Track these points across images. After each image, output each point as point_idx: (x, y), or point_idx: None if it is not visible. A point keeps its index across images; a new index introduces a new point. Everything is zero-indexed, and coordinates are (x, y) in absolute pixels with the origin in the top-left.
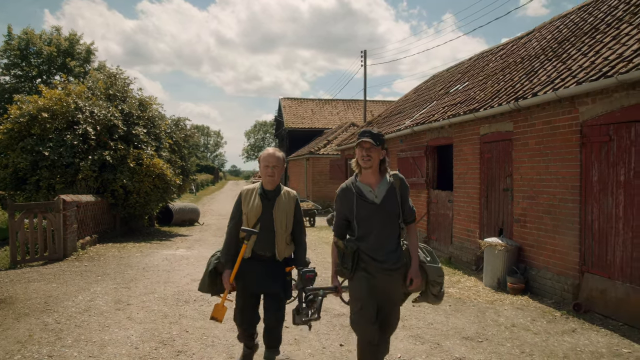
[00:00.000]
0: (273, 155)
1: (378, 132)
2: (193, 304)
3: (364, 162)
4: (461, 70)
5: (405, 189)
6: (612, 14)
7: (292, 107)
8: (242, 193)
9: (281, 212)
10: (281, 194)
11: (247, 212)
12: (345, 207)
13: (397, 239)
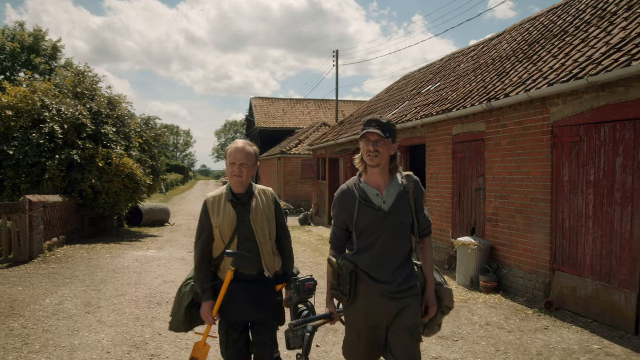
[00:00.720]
0: (241, 150)
1: (388, 120)
2: (166, 306)
3: (370, 158)
4: (433, 71)
5: (420, 193)
6: (580, 17)
7: (263, 107)
8: (207, 202)
9: (260, 218)
10: (255, 195)
11: (220, 225)
12: (344, 214)
13: (407, 256)
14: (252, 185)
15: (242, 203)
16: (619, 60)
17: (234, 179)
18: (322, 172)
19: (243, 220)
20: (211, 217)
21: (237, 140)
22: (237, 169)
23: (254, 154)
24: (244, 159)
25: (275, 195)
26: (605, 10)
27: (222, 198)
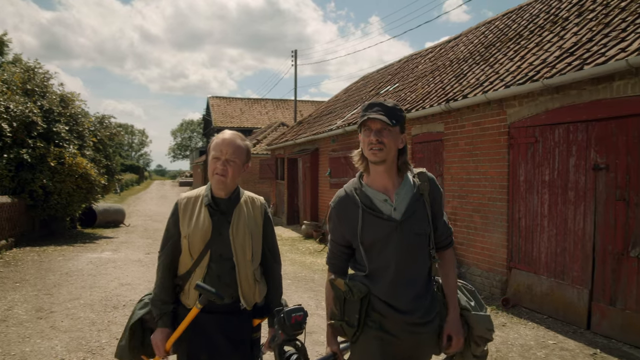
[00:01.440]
0: (229, 143)
1: (394, 104)
2: (123, 310)
3: (373, 153)
4: (391, 72)
5: (438, 194)
6: (534, 22)
7: (221, 106)
8: (178, 204)
9: (243, 232)
10: (241, 203)
11: (189, 235)
12: (345, 227)
13: (427, 276)
14: (240, 190)
15: (223, 211)
16: (572, 64)
17: (215, 179)
18: (281, 172)
19: (220, 232)
20: (181, 224)
21: (226, 130)
22: (220, 166)
23: (246, 149)
24: (232, 154)
25: (267, 207)
26: (557, 16)
27: (198, 201)
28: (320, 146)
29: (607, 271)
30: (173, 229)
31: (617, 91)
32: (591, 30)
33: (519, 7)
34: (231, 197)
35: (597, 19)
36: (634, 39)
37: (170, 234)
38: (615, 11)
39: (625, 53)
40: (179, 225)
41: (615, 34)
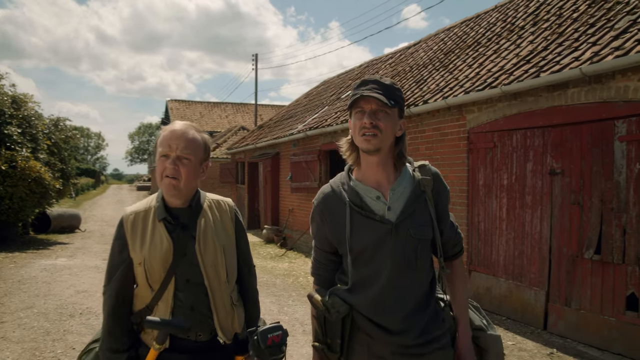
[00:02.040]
0: (182, 135)
1: (392, 82)
2: (79, 318)
3: (366, 139)
4: (352, 77)
5: (443, 192)
6: (491, 30)
7: (180, 110)
8: (123, 222)
9: (212, 248)
10: (205, 210)
11: (145, 261)
12: (328, 229)
13: (428, 289)
14: (200, 194)
15: (183, 224)
16: (529, 71)
17: (165, 183)
18: (241, 176)
19: (184, 252)
20: (131, 248)
21: (176, 121)
22: (170, 165)
23: (203, 143)
24: (184, 149)
25: (237, 210)
26: (513, 24)
27: (149, 215)
28: (281, 150)
29: (563, 273)
30: (119, 257)
31: (572, 98)
32: (546, 39)
33: (477, 15)
34: (191, 204)
35: (551, 28)
36: (586, 49)
37: (117, 262)
38: (568, 22)
39: (578, 62)
40: (128, 250)
41: (568, 43)
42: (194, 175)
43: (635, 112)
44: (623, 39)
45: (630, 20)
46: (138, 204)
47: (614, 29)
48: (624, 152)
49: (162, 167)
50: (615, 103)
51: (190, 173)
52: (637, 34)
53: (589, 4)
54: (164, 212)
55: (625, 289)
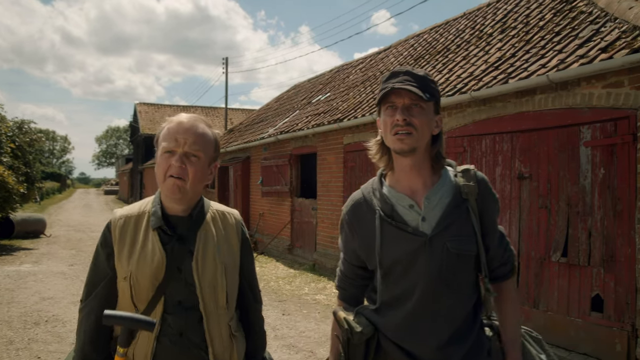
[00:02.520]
0: (190, 128)
1: (425, 73)
2: (45, 326)
3: (399, 138)
4: (322, 82)
5: (490, 201)
6: (460, 36)
7: (149, 113)
8: (111, 226)
9: (213, 267)
10: (207, 222)
11: (132, 276)
12: (358, 241)
13: (471, 315)
14: (204, 202)
15: (181, 236)
16: (497, 78)
17: (169, 184)
18: (212, 180)
19: (179, 268)
20: (117, 258)
21: (182, 113)
22: (177, 163)
23: (214, 140)
24: (193, 145)
25: (243, 225)
26: (482, 31)
27: (142, 222)
28: (252, 154)
29: (531, 275)
30: (104, 266)
31: (539, 104)
32: (514, 47)
33: (446, 22)
34: (192, 213)
35: (518, 36)
36: (553, 56)
37: (100, 274)
38: (535, 29)
39: (545, 69)
40: (113, 261)
41: (535, 50)
42: (202, 176)
43: (600, 119)
44: (587, 47)
45: (594, 29)
46: (130, 207)
47: (578, 38)
48: (589, 157)
49: (166, 165)
50: (580, 109)
51: (198, 173)
52: (600, 43)
53: (554, 12)
54: (160, 219)
55: (590, 290)
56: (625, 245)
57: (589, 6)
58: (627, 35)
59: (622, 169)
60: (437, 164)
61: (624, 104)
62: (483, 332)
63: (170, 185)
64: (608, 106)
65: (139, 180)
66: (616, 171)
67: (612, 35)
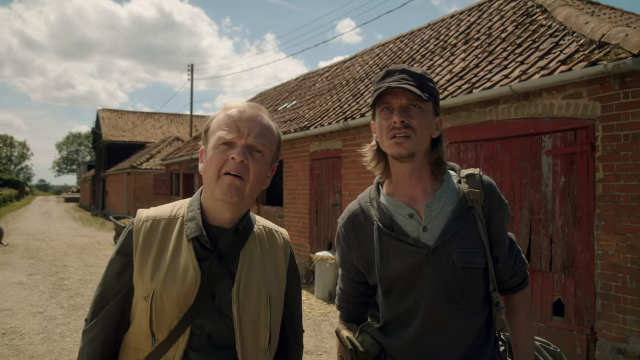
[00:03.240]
0: (254, 118)
1: (423, 71)
2: (2, 339)
3: (397, 142)
4: (288, 89)
5: (498, 209)
6: (425, 46)
7: (112, 119)
8: (134, 228)
9: (257, 296)
10: (252, 238)
11: (156, 295)
12: (356, 255)
13: (482, 332)
14: (251, 215)
15: (222, 253)
16: (462, 87)
17: (224, 182)
18: (176, 187)
19: (213, 294)
20: (137, 270)
21: (238, 102)
22: (238, 157)
23: (277, 136)
24: (259, 137)
25: (291, 247)
26: (446, 42)
27: (173, 228)
28: None
29: None
30: (118, 279)
31: (502, 114)
32: (477, 57)
33: (411, 32)
34: (239, 226)
35: (481, 47)
36: (515, 67)
37: (112, 288)
38: (497, 41)
39: (508, 79)
40: (131, 273)
41: (498, 61)
42: (263, 178)
43: (560, 128)
44: (548, 59)
45: (553, 42)
46: (159, 208)
47: (539, 50)
48: (550, 166)
49: (222, 160)
50: (542, 119)
51: (261, 174)
52: (560, 55)
53: (515, 25)
54: (200, 227)
55: (552, 295)
56: (585, 251)
57: (548, 20)
58: (585, 48)
59: (582, 177)
60: (438, 169)
61: (583, 115)
62: (497, 350)
63: (226, 185)
64: (568, 116)
65: (101, 188)
66: (576, 179)
67: (570, 48)
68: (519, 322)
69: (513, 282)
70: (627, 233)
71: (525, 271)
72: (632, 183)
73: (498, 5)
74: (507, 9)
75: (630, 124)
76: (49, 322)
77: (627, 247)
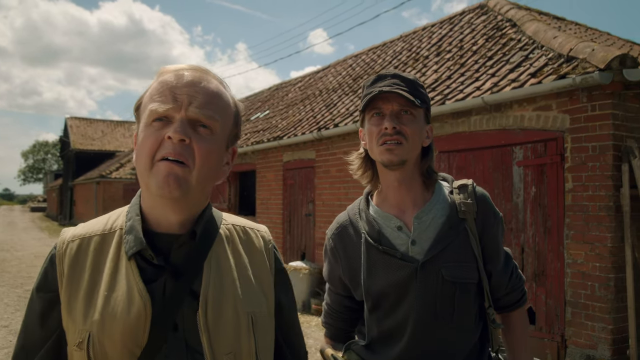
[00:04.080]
0: (196, 81)
1: (415, 77)
2: None
3: (387, 149)
4: (261, 99)
5: (492, 221)
6: (397, 58)
7: (80, 127)
8: (56, 254)
9: (232, 318)
10: (219, 242)
11: (94, 338)
12: (342, 268)
13: (475, 350)
14: (212, 211)
15: (178, 267)
16: (434, 99)
17: (159, 171)
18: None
19: (174, 325)
20: (65, 310)
21: (181, 64)
22: (176, 134)
23: (233, 106)
24: (203, 107)
25: (275, 246)
26: (418, 54)
27: (109, 245)
28: None
29: None
30: (41, 327)
31: (474, 125)
32: (449, 69)
33: (383, 43)
34: (196, 227)
35: (453, 59)
36: (486, 79)
37: (35, 337)
38: (469, 54)
39: (480, 91)
40: (58, 314)
41: (469, 73)
42: (216, 162)
43: (531, 140)
44: (518, 72)
45: (523, 55)
46: (89, 223)
47: (509, 63)
48: (521, 176)
49: (155, 141)
50: (513, 130)
51: (211, 156)
52: (530, 68)
53: (486, 38)
54: (141, 238)
55: None
56: (555, 260)
57: (517, 34)
58: (554, 62)
59: (552, 187)
60: (428, 179)
61: (552, 126)
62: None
63: (162, 175)
64: (538, 128)
65: (69, 197)
66: (546, 190)
67: (540, 61)
68: (516, 341)
69: (509, 300)
70: (595, 242)
71: (523, 288)
72: (599, 193)
73: (469, 19)
74: (478, 23)
75: (597, 136)
76: (15, 336)
77: (595, 255)
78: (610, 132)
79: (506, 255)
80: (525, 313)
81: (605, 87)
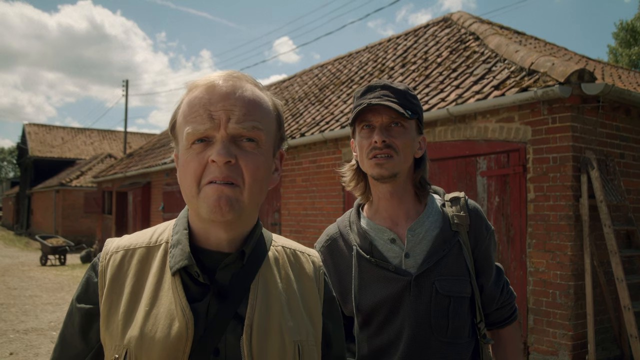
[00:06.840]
0: (231, 92)
1: (406, 87)
2: None
3: (377, 162)
4: None
5: (484, 235)
6: (363, 68)
7: (39, 134)
8: (99, 262)
9: (277, 346)
10: (267, 264)
11: (130, 354)
12: (332, 280)
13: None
14: (264, 232)
15: (223, 288)
16: None
17: (209, 196)
18: (109, 206)
19: (215, 348)
20: (104, 323)
21: (210, 74)
22: (220, 157)
23: (274, 110)
24: (244, 119)
25: (326, 275)
26: (384, 65)
27: (153, 259)
28: (153, 180)
29: None
30: (80, 339)
31: (439, 136)
32: (414, 80)
33: (349, 54)
34: (244, 248)
35: (418, 70)
36: (451, 91)
37: (70, 349)
38: (433, 65)
39: (445, 102)
40: (97, 327)
41: (434, 85)
42: (266, 174)
43: (494, 150)
44: (482, 84)
45: (486, 68)
46: (135, 235)
47: (473, 75)
48: (485, 186)
49: (200, 166)
50: (477, 141)
51: (261, 170)
52: (493, 80)
53: (450, 51)
54: (188, 254)
55: None
56: (518, 268)
57: (480, 47)
58: (516, 75)
59: (514, 197)
60: (421, 190)
61: (515, 138)
62: None
63: (213, 200)
64: (501, 139)
65: (26, 206)
66: (509, 199)
67: (502, 74)
68: (506, 357)
69: (500, 316)
70: (556, 251)
71: (513, 304)
72: (560, 203)
73: (433, 32)
74: (442, 35)
75: (557, 148)
76: None
77: (556, 264)
78: (570, 144)
79: (498, 269)
80: (516, 329)
81: (565, 100)
